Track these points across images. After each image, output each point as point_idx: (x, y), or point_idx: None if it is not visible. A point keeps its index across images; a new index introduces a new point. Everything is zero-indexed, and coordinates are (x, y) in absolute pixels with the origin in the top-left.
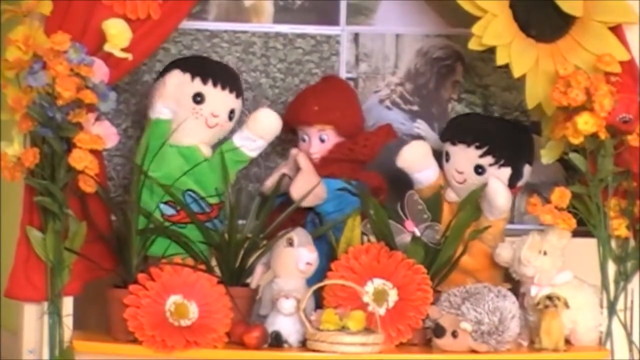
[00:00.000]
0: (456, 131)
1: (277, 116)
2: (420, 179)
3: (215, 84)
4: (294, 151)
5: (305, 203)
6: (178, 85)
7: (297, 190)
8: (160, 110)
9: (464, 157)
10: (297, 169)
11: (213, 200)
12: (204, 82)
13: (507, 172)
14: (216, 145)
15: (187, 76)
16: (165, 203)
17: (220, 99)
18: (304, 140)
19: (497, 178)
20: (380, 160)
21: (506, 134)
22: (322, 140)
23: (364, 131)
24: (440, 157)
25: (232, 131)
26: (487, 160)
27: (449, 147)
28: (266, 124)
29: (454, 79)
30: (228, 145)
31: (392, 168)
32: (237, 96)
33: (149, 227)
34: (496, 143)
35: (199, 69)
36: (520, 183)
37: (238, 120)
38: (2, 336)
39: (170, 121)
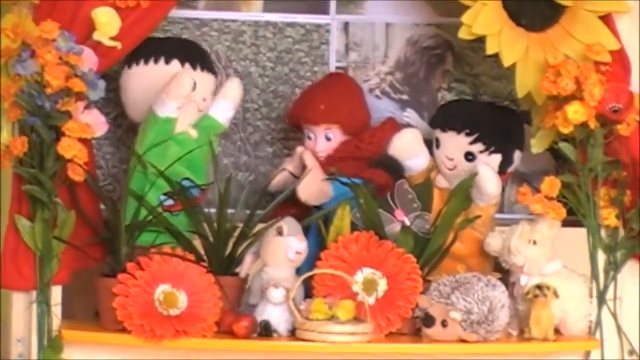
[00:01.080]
0: (446, 118)
1: (238, 80)
2: (412, 166)
3: (202, 68)
4: (299, 149)
5: (312, 201)
6: (189, 87)
7: (303, 189)
8: (172, 109)
9: (454, 144)
10: (303, 166)
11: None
12: (194, 67)
13: (497, 158)
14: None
15: (187, 65)
16: (165, 194)
17: (207, 82)
18: (309, 138)
19: (487, 164)
20: None
21: (496, 120)
22: (328, 139)
23: (369, 127)
24: (430, 144)
25: None
26: (478, 147)
27: (439, 134)
28: (239, 91)
29: (444, 68)
30: (213, 123)
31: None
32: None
33: (138, 221)
34: (486, 130)
35: (187, 55)
36: (510, 169)
37: None
38: None
39: (175, 120)
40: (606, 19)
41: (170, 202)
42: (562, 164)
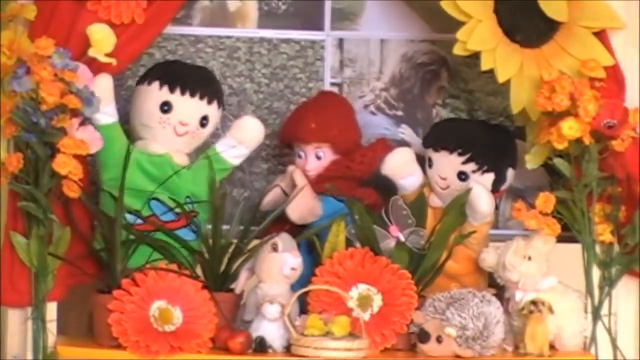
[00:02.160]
0: (438, 137)
1: (260, 124)
2: (405, 185)
3: (183, 92)
4: (290, 168)
5: (301, 221)
6: (107, 88)
7: (293, 209)
8: (97, 117)
9: (447, 163)
10: (294, 185)
11: (180, 210)
12: (171, 90)
13: (490, 177)
14: (195, 153)
15: (155, 84)
16: (130, 212)
17: (189, 107)
18: (299, 157)
19: (479, 183)
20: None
21: (488, 138)
22: (318, 158)
23: (360, 147)
24: (424, 161)
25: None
26: (470, 166)
27: (431, 154)
28: (250, 131)
29: (439, 84)
30: (212, 152)
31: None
32: (210, 102)
33: (131, 239)
34: (479, 149)
35: (167, 77)
36: (503, 187)
37: (222, 125)
38: None
39: (114, 125)
40: (600, 35)
41: (138, 220)
42: (556, 179)
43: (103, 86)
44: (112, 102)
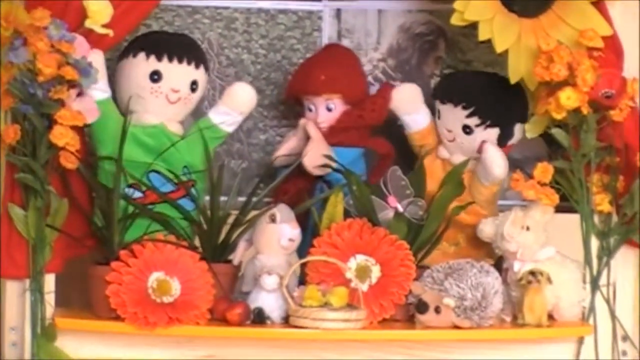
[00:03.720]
0: (445, 90)
1: (252, 89)
2: (409, 122)
3: (170, 59)
4: (302, 121)
5: (317, 172)
6: (99, 64)
7: (310, 159)
8: (96, 93)
9: (452, 116)
10: (306, 138)
11: (177, 180)
12: (159, 58)
13: (494, 132)
14: (187, 121)
15: (141, 55)
16: (130, 186)
17: (178, 73)
18: (310, 110)
19: (493, 145)
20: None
21: (495, 93)
22: (329, 109)
23: (368, 96)
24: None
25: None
26: (474, 120)
27: (439, 105)
28: (242, 97)
29: (437, 54)
30: (205, 123)
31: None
32: (197, 66)
33: (134, 212)
34: (483, 103)
35: (152, 46)
36: (511, 142)
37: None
38: None
39: (108, 100)
40: (598, 5)
41: (138, 194)
42: (554, 149)
43: (95, 62)
44: (105, 78)
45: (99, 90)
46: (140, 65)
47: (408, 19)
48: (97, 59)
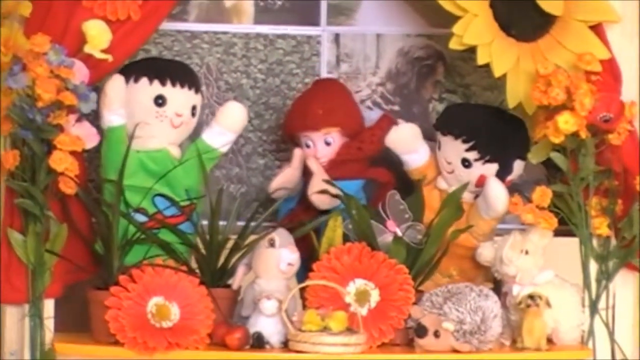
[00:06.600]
0: (446, 122)
1: (243, 107)
2: (408, 161)
3: (174, 84)
4: (297, 151)
5: (322, 205)
6: (120, 90)
7: (316, 195)
8: (110, 119)
9: (452, 148)
10: (302, 167)
11: (183, 203)
12: (162, 83)
13: (493, 167)
14: (182, 144)
15: (144, 80)
16: (137, 211)
17: (181, 98)
18: (307, 147)
19: (497, 180)
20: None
21: (495, 128)
22: (327, 144)
23: (365, 128)
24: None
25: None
26: (473, 154)
27: (440, 137)
28: (236, 116)
29: (435, 78)
30: (203, 145)
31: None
32: (196, 92)
33: (129, 239)
34: (483, 138)
35: (154, 71)
36: (510, 177)
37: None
38: None
39: (124, 126)
40: (596, 29)
41: (144, 218)
42: (553, 173)
43: (117, 87)
44: (123, 104)
45: (118, 115)
46: (144, 90)
47: (407, 43)
48: (118, 84)
